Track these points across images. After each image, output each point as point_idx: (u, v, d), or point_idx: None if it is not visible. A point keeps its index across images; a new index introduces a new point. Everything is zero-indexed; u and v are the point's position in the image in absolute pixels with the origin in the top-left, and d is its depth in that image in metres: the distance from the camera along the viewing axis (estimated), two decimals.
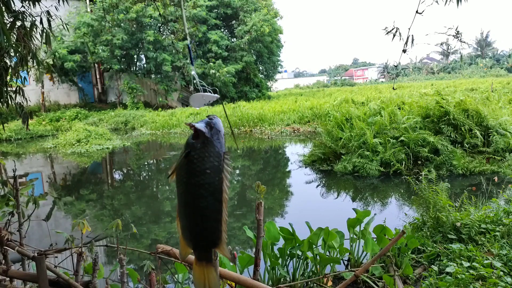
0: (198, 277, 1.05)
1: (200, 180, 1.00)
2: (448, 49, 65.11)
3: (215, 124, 1.05)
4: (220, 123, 1.06)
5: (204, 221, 1.02)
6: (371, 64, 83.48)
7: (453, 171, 7.36)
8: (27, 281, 2.22)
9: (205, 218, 1.02)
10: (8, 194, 2.29)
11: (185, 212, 1.04)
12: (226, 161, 1.03)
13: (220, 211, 1.02)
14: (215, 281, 1.06)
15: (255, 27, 24.67)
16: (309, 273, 3.48)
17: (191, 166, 1.01)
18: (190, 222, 1.03)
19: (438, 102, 8.46)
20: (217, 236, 1.03)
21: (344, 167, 7.94)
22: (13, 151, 14.42)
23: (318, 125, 13.81)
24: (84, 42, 22.89)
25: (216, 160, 1.02)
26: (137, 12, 22.87)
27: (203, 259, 1.05)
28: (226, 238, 1.03)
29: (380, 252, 2.10)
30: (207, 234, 1.03)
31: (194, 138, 1.02)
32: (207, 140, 1.02)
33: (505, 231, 3.72)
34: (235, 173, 9.73)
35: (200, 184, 1.01)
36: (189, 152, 1.01)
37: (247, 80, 27.06)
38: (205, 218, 1.02)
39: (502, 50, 63.51)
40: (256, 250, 2.19)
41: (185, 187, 1.02)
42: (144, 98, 24.95)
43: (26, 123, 2.94)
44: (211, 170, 1.01)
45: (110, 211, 6.78)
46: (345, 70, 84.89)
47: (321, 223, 3.47)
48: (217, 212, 1.02)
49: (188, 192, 1.02)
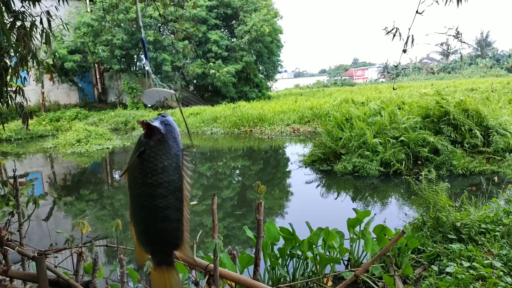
0: (159, 283, 0.99)
1: (158, 179, 0.95)
2: (448, 49, 65.12)
3: (168, 121, 0.99)
4: (173, 121, 1.01)
5: (164, 222, 0.96)
6: (371, 64, 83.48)
7: (453, 171, 7.36)
8: (27, 281, 2.21)
9: (166, 219, 0.96)
10: (8, 194, 2.29)
11: (142, 215, 0.97)
12: (185, 157, 0.98)
13: (181, 210, 0.97)
14: (178, 285, 0.99)
15: (255, 27, 24.67)
16: (309, 273, 3.48)
17: (147, 165, 0.95)
18: (149, 225, 0.97)
19: (438, 102, 8.46)
20: (179, 237, 0.98)
21: (344, 167, 7.94)
22: (13, 151, 14.42)
23: (318, 125, 13.82)
24: (84, 42, 22.91)
25: (174, 157, 0.96)
26: None
27: (162, 263, 0.99)
28: (189, 237, 0.98)
29: (380, 252, 2.10)
30: (168, 236, 0.97)
31: (147, 137, 0.96)
32: (162, 137, 0.96)
33: (505, 231, 3.72)
34: (236, 173, 9.74)
35: (158, 183, 0.95)
36: (144, 150, 0.95)
37: (247, 80, 27.06)
38: (165, 218, 0.96)
39: (502, 50, 63.57)
40: (256, 250, 2.19)
41: (141, 187, 0.96)
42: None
43: (26, 123, 2.94)
44: (169, 167, 0.95)
45: (110, 211, 6.78)
46: (345, 70, 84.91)
47: (321, 223, 3.47)
48: (178, 211, 0.97)
49: (145, 193, 0.95)
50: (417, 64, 66.50)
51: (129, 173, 0.97)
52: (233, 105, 20.75)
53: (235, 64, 25.26)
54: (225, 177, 9.29)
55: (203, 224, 5.71)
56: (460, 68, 55.54)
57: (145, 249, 0.99)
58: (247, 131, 16.01)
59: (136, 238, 0.99)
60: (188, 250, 0.99)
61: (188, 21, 24.46)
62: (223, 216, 5.96)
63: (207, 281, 1.91)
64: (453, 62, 61.35)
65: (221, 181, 8.89)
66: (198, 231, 5.15)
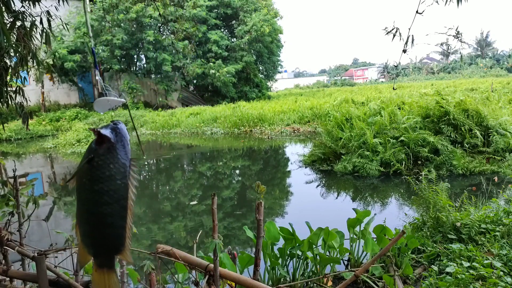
0: (98, 284, 1.03)
1: (104, 187, 0.98)
2: (448, 49, 65.13)
3: (120, 129, 1.02)
4: (125, 129, 1.04)
5: (108, 228, 1.00)
6: (371, 64, 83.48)
7: (453, 171, 7.36)
8: (27, 281, 2.21)
9: (110, 225, 1.00)
10: (8, 194, 2.29)
11: (87, 219, 1.01)
12: (133, 167, 1.01)
13: (125, 217, 1.01)
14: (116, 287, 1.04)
15: (255, 27, 24.68)
16: (309, 273, 3.48)
17: (95, 172, 0.98)
18: (93, 229, 1.01)
19: (438, 102, 8.46)
20: (121, 243, 1.01)
21: (344, 167, 7.94)
22: (13, 151, 14.42)
23: (318, 125, 13.81)
24: (84, 42, 22.91)
25: (122, 166, 0.99)
26: (137, 12, 22.88)
27: (104, 266, 1.03)
28: (130, 244, 1.02)
29: (380, 252, 2.10)
30: (111, 241, 1.01)
31: (97, 144, 0.99)
32: (112, 146, 0.99)
33: (505, 231, 3.72)
34: (236, 173, 9.74)
35: (105, 190, 0.98)
36: (92, 157, 0.98)
37: (247, 80, 27.07)
38: (109, 225, 1.00)
39: (502, 50, 63.57)
40: (256, 250, 2.19)
41: (88, 193, 0.99)
42: (144, 98, 24.97)
43: (26, 123, 2.95)
44: (116, 176, 0.99)
45: None
46: (345, 70, 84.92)
47: (321, 223, 3.47)
48: (122, 219, 1.00)
49: (92, 199, 0.99)
50: (417, 64, 66.50)
51: (78, 178, 1.00)
52: (233, 105, 20.75)
53: (235, 64, 25.27)
54: (225, 177, 9.29)
55: (203, 224, 5.71)
56: (460, 68, 55.55)
57: (88, 250, 1.03)
58: (247, 131, 16.00)
59: (80, 240, 1.02)
60: (129, 256, 1.04)
61: (188, 21, 24.47)
62: (223, 216, 5.96)
63: (207, 281, 1.91)
64: (453, 62, 61.35)
65: (221, 181, 8.89)
66: (198, 231, 5.16)
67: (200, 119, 18.02)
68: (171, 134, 17.20)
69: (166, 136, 16.73)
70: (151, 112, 21.54)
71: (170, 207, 6.85)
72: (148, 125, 18.63)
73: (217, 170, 9.94)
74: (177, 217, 6.22)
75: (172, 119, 18.58)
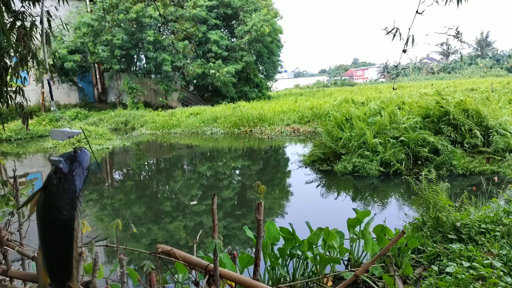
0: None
1: (53, 216, 1.01)
2: (448, 49, 65.13)
3: (78, 158, 1.05)
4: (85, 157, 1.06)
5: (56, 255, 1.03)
6: (371, 64, 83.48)
7: (453, 171, 7.36)
8: (27, 281, 2.21)
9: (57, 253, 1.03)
10: (8, 194, 2.29)
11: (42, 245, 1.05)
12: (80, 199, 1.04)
13: (70, 248, 1.03)
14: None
15: (255, 27, 24.68)
16: (309, 273, 3.48)
17: (46, 201, 1.02)
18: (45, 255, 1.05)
19: (438, 102, 8.46)
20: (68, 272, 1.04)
21: (344, 167, 7.94)
22: (13, 151, 14.42)
23: (318, 125, 13.82)
24: (84, 42, 22.91)
25: (70, 197, 1.02)
26: (137, 12, 22.88)
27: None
28: (77, 274, 1.05)
29: (380, 252, 2.10)
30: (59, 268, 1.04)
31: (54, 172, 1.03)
32: (64, 176, 1.02)
33: (505, 231, 3.72)
34: (236, 173, 9.73)
35: (54, 219, 1.01)
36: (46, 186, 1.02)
37: (247, 80, 27.08)
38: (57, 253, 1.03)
39: (502, 50, 63.57)
40: (256, 250, 2.19)
41: (41, 221, 1.03)
42: (144, 98, 24.96)
43: (26, 123, 2.94)
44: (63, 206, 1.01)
45: (110, 211, 6.78)
46: (345, 70, 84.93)
47: (321, 223, 3.47)
48: (68, 249, 1.03)
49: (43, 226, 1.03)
50: (417, 64, 66.49)
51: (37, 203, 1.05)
52: (233, 105, 20.75)
53: (235, 64, 25.27)
54: (225, 177, 9.29)
55: (203, 224, 5.71)
56: (460, 68, 55.55)
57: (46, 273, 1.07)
58: (247, 131, 16.00)
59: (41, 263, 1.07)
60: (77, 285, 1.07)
61: (188, 21, 24.47)
62: (223, 216, 5.95)
63: (207, 281, 1.91)
64: (453, 62, 61.35)
65: (221, 181, 8.89)
66: (198, 231, 5.16)
67: (200, 119, 18.02)
68: (171, 134, 17.20)
69: (166, 136, 16.72)
70: (151, 112, 21.54)
71: (170, 207, 6.85)
72: (148, 125, 18.62)
73: (217, 170, 9.94)
74: (177, 217, 6.22)
75: (172, 119, 18.57)
